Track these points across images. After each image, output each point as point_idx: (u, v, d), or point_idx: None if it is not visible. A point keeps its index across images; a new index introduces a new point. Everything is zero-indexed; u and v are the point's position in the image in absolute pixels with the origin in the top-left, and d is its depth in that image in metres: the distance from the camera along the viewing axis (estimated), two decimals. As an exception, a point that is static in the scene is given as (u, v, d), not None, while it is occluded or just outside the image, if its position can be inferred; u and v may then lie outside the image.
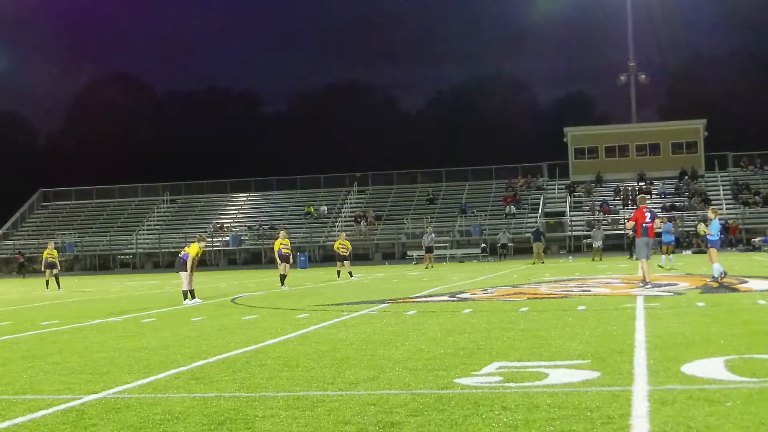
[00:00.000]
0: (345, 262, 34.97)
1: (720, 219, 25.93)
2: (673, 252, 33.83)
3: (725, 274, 21.49)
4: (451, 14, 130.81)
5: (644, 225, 20.94)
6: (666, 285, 20.80)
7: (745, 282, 21.26)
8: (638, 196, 22.52)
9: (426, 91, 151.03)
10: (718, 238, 22.83)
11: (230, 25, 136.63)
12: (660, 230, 30.54)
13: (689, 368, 8.42)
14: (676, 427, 6.12)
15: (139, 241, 71.05)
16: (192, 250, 21.66)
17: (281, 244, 28.46)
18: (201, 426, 6.77)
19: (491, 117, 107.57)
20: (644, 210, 21.24)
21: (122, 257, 70.89)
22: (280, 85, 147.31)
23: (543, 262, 44.31)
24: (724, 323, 12.24)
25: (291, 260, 28.83)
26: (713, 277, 21.41)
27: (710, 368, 8.41)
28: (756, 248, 51.88)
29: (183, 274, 21.52)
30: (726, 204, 63.00)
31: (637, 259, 21.16)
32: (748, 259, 38.25)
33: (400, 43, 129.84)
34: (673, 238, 34.69)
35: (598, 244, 47.55)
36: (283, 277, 27.63)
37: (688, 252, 52.18)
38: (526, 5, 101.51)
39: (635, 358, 9.16)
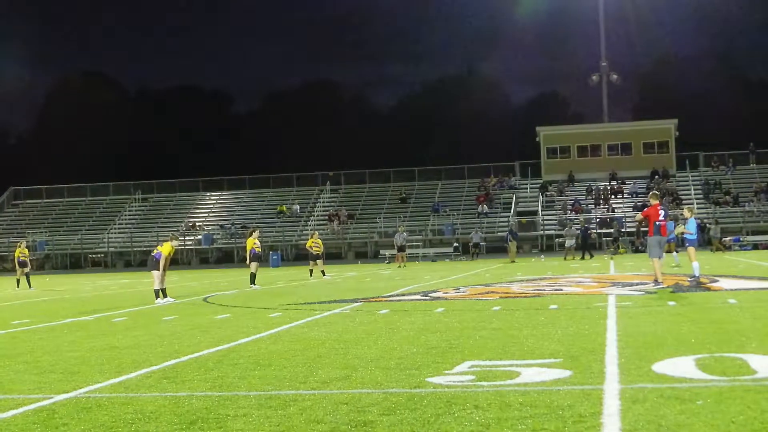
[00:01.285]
0: (318, 261, 34.94)
1: (696, 218, 25.77)
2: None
3: (697, 278, 21.36)
4: (424, 13, 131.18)
5: (657, 223, 19.88)
6: (638, 284, 20.89)
7: (716, 281, 21.40)
8: (651, 193, 21.31)
9: (398, 90, 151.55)
10: (695, 236, 22.89)
11: (202, 23, 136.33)
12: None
13: (660, 367, 8.48)
14: (647, 426, 6.16)
15: (110, 239, 70.56)
16: (165, 249, 21.57)
17: (254, 243, 28.40)
18: (173, 425, 6.74)
19: (464, 116, 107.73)
20: (659, 207, 20.11)
21: (94, 256, 70.32)
22: (253, 83, 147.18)
23: (514, 261, 44.47)
24: (695, 322, 12.32)
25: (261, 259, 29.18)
26: (693, 276, 21.28)
27: (681, 367, 8.46)
28: (727, 248, 52.26)
29: (155, 272, 21.44)
30: (697, 203, 63.39)
31: (650, 257, 20.31)
32: (719, 259, 38.57)
33: (372, 41, 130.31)
34: (674, 235, 34.73)
35: (570, 243, 47.72)
36: (253, 276, 27.57)
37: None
38: (499, 4, 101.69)
39: (607, 357, 9.21)
